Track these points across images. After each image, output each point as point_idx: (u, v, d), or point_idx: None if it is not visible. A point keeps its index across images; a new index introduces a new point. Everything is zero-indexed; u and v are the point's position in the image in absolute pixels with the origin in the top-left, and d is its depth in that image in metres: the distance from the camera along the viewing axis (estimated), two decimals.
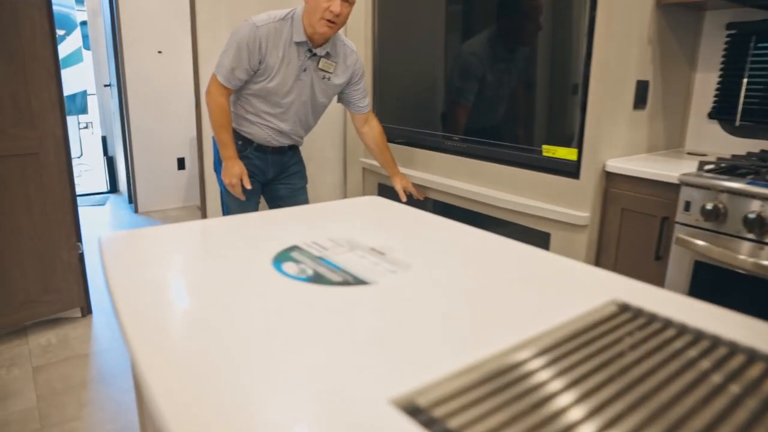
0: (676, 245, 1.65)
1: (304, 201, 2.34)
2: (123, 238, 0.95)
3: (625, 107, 1.85)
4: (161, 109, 4.17)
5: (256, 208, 2.23)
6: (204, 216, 2.63)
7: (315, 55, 1.96)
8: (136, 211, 4.29)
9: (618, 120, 1.84)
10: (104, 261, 0.86)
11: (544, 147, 1.94)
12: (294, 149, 2.26)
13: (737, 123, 1.98)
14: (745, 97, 1.95)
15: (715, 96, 2.04)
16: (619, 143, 1.87)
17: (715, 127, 2.07)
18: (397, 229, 1.04)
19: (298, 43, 1.91)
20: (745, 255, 1.48)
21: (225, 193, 2.16)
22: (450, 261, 0.86)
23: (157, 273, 0.81)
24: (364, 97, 2.20)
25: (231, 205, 2.17)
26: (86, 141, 6.57)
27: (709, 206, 1.52)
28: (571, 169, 1.87)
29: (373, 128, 2.27)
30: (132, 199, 4.32)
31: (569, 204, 1.89)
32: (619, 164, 1.79)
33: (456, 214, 2.32)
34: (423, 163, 2.44)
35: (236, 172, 1.99)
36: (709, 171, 1.62)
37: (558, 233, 1.93)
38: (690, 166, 1.76)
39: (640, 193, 1.75)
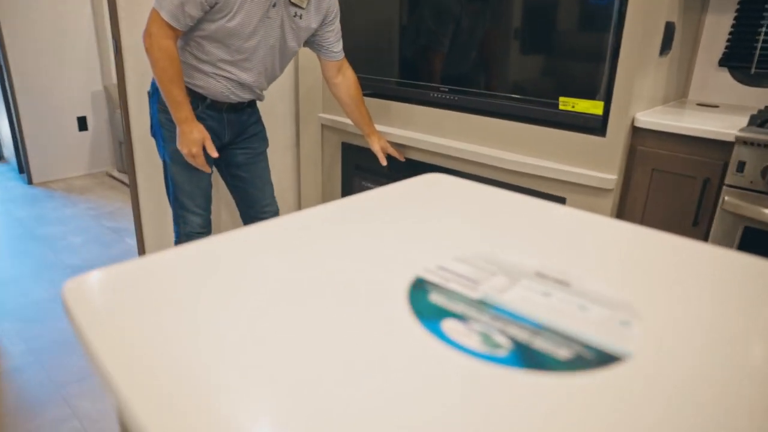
0: (722, 210, 1.46)
1: (266, 168, 1.92)
2: (103, 283, 0.55)
3: (653, 52, 1.61)
4: (53, 58, 3.41)
5: (209, 181, 1.79)
6: (134, 191, 2.12)
7: None
8: (29, 182, 3.56)
9: (646, 67, 1.59)
10: (82, 333, 0.47)
11: (561, 99, 1.67)
12: (253, 106, 1.82)
13: (753, 71, 1.81)
14: (763, 42, 1.78)
15: (728, 41, 1.85)
16: (645, 94, 1.64)
17: (723, 75, 1.89)
18: (528, 229, 0.71)
19: None
20: None
21: (171, 164, 1.70)
22: (690, 296, 0.56)
23: (173, 351, 0.43)
24: (338, 40, 1.79)
25: (179, 179, 1.71)
26: None
27: None
28: (595, 125, 1.62)
29: (348, 78, 1.88)
30: (23, 168, 3.57)
31: (591, 165, 1.64)
32: (651, 119, 1.55)
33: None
34: (401, 119, 2.09)
35: (196, 137, 1.54)
36: (761, 125, 1.43)
37: (575, 198, 1.69)
38: (729, 120, 1.57)
39: (676, 152, 1.53)
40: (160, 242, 2.21)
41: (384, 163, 2.01)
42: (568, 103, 1.65)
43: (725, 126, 1.46)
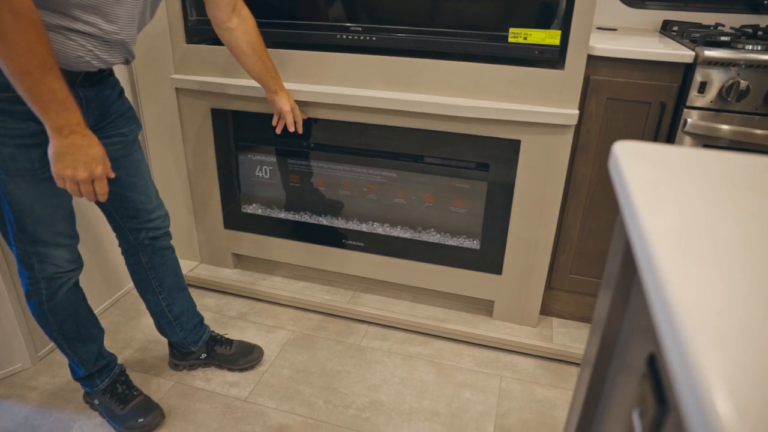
0: (683, 133, 1.44)
1: (143, 160, 1.31)
2: None
3: None
4: None
5: (70, 196, 1.14)
6: None
7: None
8: None
9: None
10: None
11: (512, 31, 1.43)
12: (113, 74, 1.19)
13: None
14: None
15: None
16: None
17: None
18: None
19: None
20: None
21: (6, 178, 1.02)
22: None
23: None
24: None
25: (25, 199, 1.05)
26: None
27: (742, 85, 1.32)
28: (552, 57, 1.43)
29: (246, 20, 1.35)
30: None
31: (549, 101, 1.47)
32: (609, 45, 1.43)
33: (358, 133, 1.65)
34: (298, 72, 1.62)
35: (98, 153, 0.94)
36: (710, 45, 1.41)
37: (532, 139, 1.52)
38: (651, 42, 1.54)
39: (630, 79, 1.45)
40: None
41: (291, 128, 1.56)
42: (520, 35, 1.43)
43: (662, 48, 1.42)
